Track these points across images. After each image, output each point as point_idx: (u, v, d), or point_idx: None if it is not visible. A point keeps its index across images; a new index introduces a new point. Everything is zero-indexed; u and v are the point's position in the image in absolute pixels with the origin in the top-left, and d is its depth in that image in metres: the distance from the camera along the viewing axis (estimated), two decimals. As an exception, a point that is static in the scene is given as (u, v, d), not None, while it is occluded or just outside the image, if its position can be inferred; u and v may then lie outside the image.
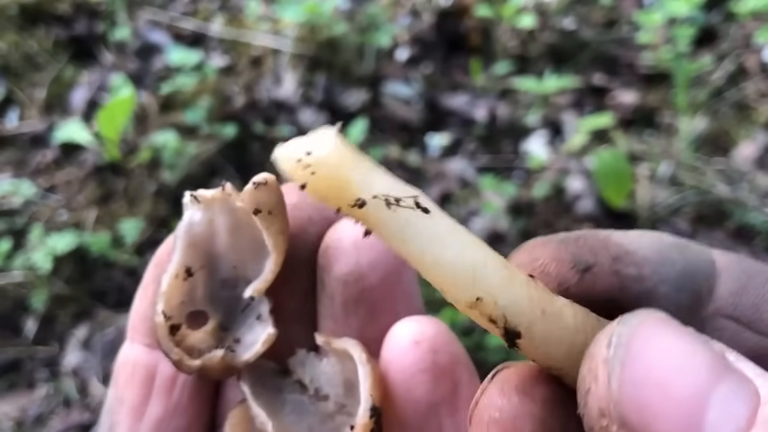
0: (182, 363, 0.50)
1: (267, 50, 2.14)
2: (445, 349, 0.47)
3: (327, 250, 0.52)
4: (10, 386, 1.58)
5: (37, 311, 1.66)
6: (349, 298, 0.51)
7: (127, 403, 0.54)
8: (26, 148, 1.99)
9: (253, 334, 0.53)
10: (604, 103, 2.13)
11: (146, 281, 0.55)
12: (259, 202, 0.49)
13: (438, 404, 0.47)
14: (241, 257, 0.55)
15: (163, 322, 0.51)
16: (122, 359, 0.56)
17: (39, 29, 2.23)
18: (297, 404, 0.53)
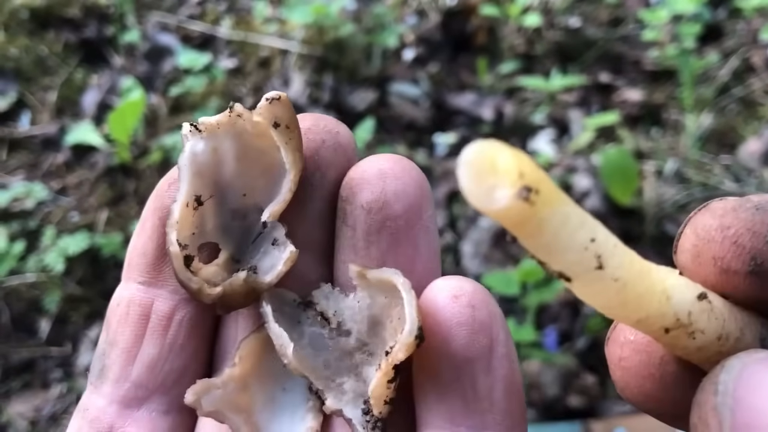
0: (202, 291, 0.48)
1: (275, 51, 2.16)
2: (483, 305, 0.47)
3: (351, 181, 0.51)
4: (25, 386, 1.61)
5: (50, 312, 1.69)
6: (372, 226, 0.50)
7: (120, 344, 0.52)
8: (38, 151, 2.02)
9: (270, 259, 0.51)
10: (611, 100, 2.14)
11: (145, 215, 0.52)
12: (276, 115, 0.49)
13: (474, 360, 0.46)
14: (250, 184, 0.53)
15: (179, 251, 0.48)
16: (116, 301, 0.53)
17: (49, 33, 2.26)
18: (316, 337, 0.52)
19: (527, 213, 0.30)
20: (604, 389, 1.59)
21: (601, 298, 0.35)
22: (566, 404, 1.56)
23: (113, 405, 0.52)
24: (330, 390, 0.50)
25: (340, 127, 0.53)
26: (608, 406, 1.57)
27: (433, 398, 0.48)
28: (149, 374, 0.52)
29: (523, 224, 0.31)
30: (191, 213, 0.50)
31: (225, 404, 0.49)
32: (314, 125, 0.52)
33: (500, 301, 1.60)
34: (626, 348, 0.42)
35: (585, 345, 1.64)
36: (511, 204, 0.29)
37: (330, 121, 0.53)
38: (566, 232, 0.32)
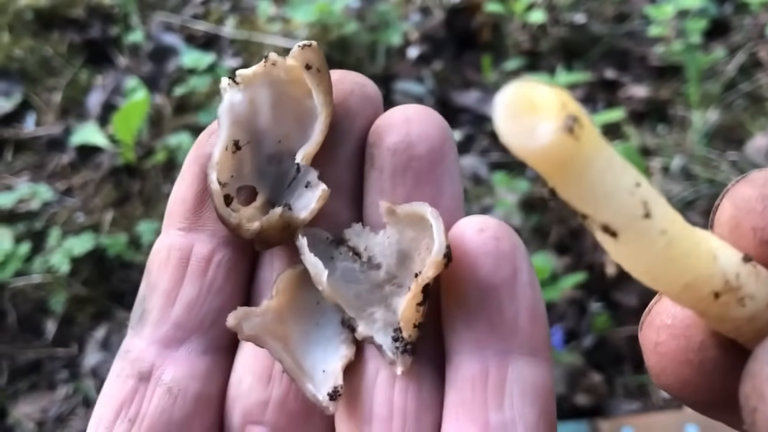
0: (241, 227, 0.51)
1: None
2: (506, 238, 0.49)
3: (378, 128, 0.53)
4: (31, 387, 1.61)
5: (56, 313, 1.69)
6: (398, 166, 0.52)
7: (160, 288, 0.53)
8: (43, 152, 2.02)
9: (304, 200, 0.53)
10: (616, 97, 2.13)
11: (186, 164, 0.54)
12: (308, 59, 0.51)
13: (498, 286, 0.48)
14: (285, 131, 0.55)
15: (219, 189, 0.51)
16: (156, 249, 0.55)
17: (54, 34, 2.26)
18: (347, 271, 0.54)
19: (572, 149, 0.28)
20: (611, 388, 1.59)
21: (648, 256, 0.34)
22: (573, 403, 1.56)
23: (153, 345, 0.53)
24: (361, 319, 0.52)
25: (366, 81, 0.56)
26: (615, 405, 1.56)
27: (461, 324, 0.50)
28: (188, 315, 0.53)
29: (568, 165, 0.29)
30: (230, 156, 0.53)
31: (264, 331, 0.51)
32: (342, 78, 0.55)
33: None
34: (663, 333, 0.41)
35: (591, 343, 1.63)
36: (556, 138, 0.28)
37: (357, 75, 0.56)
38: (612, 174, 0.30)
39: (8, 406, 1.57)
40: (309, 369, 0.53)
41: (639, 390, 1.60)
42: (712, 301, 0.36)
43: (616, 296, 1.71)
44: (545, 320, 0.50)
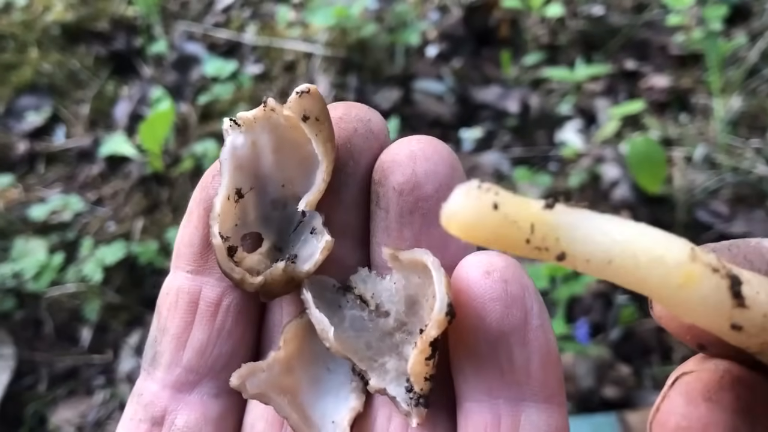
0: (244, 281, 0.50)
1: (299, 55, 2.18)
2: (515, 279, 0.47)
3: (383, 164, 0.52)
4: (70, 393, 1.66)
5: (91, 321, 1.73)
6: (404, 208, 0.51)
7: (171, 331, 0.54)
8: (74, 164, 2.07)
9: (309, 247, 0.53)
10: (637, 87, 2.12)
11: (191, 207, 0.54)
12: (305, 109, 0.50)
13: (508, 333, 0.47)
14: (288, 175, 0.55)
15: (221, 243, 0.50)
16: (165, 290, 0.55)
17: (80, 47, 2.31)
18: (356, 320, 0.53)
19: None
20: (639, 380, 1.59)
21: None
22: (601, 396, 1.56)
23: (166, 389, 0.54)
24: (373, 370, 0.51)
25: (371, 114, 0.54)
26: (644, 397, 1.56)
27: (471, 372, 0.49)
28: (199, 359, 0.54)
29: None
30: (233, 205, 0.53)
31: (270, 386, 0.51)
32: (346, 114, 0.54)
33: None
34: None
35: (618, 336, 1.63)
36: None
37: (361, 109, 0.54)
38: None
39: (49, 411, 1.62)
40: (318, 420, 0.53)
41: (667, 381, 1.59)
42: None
43: (642, 288, 1.70)
44: (559, 364, 0.49)
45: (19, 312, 1.74)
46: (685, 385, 0.39)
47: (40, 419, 1.61)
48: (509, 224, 0.35)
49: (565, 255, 0.35)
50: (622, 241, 0.35)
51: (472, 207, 0.35)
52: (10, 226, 1.86)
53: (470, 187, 0.35)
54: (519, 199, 0.36)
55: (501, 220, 0.35)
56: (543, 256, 0.36)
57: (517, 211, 0.35)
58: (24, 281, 1.73)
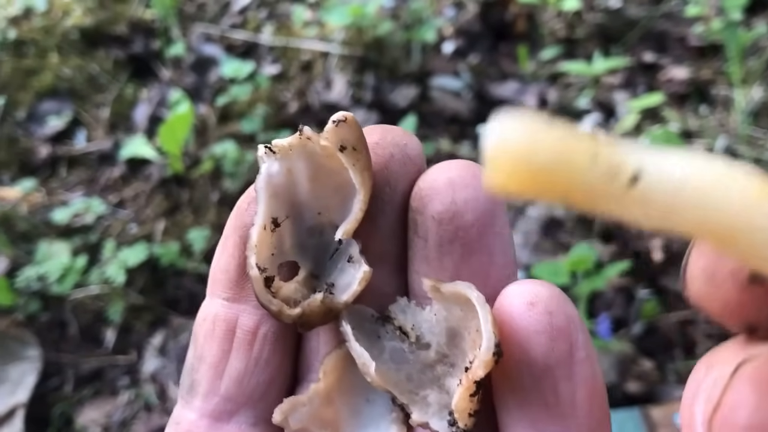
0: (282, 313, 0.50)
1: (316, 55, 2.19)
2: (560, 310, 0.46)
3: (420, 191, 0.50)
4: (95, 394, 1.68)
5: (115, 322, 1.75)
6: (444, 237, 0.50)
7: (208, 360, 0.53)
8: (95, 167, 2.09)
9: (346, 276, 0.52)
10: (656, 80, 2.11)
11: (226, 233, 0.54)
12: (342, 138, 0.49)
13: (554, 367, 0.46)
14: (324, 203, 0.54)
15: (258, 274, 0.50)
16: (202, 316, 0.55)
17: (99, 51, 2.33)
18: (396, 352, 0.52)
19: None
20: (663, 374, 1.58)
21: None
22: (624, 391, 1.55)
23: (204, 419, 0.53)
24: (415, 403, 0.50)
25: (408, 139, 0.53)
26: (667, 392, 1.56)
27: (515, 405, 0.48)
28: (237, 388, 0.53)
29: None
30: (269, 235, 0.52)
31: (311, 420, 0.51)
32: (382, 139, 0.52)
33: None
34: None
35: (641, 330, 1.63)
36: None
37: (398, 134, 0.53)
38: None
39: (75, 412, 1.64)
40: None
41: (691, 375, 1.58)
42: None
43: (664, 282, 1.70)
44: (604, 394, 0.48)
45: (44, 314, 1.76)
46: (753, 374, 0.35)
47: (66, 420, 1.63)
48: (573, 140, 0.30)
49: (639, 175, 0.30)
50: (692, 161, 0.30)
51: (527, 127, 0.30)
52: (33, 229, 1.89)
53: (511, 114, 0.30)
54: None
55: (562, 137, 0.30)
56: (612, 186, 0.30)
57: (575, 129, 0.30)
58: (48, 284, 1.75)
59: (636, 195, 0.31)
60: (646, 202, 0.31)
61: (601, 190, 0.30)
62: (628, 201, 0.31)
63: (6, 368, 1.67)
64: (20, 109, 2.20)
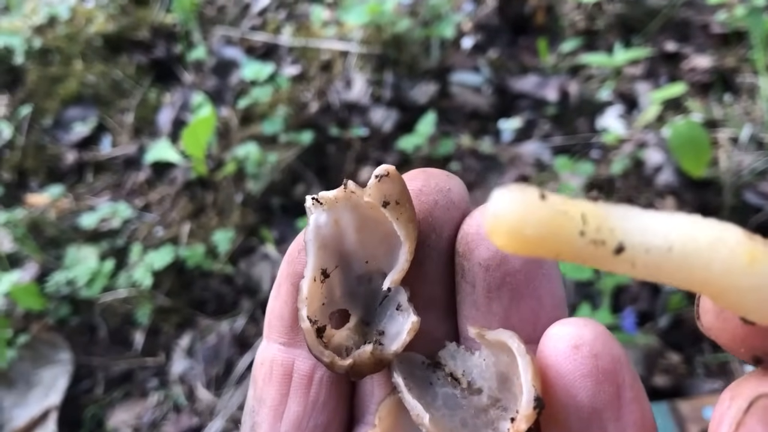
0: (334, 364, 0.50)
1: (335, 54, 2.20)
2: (605, 352, 0.45)
3: (466, 237, 0.51)
4: (125, 396, 1.70)
5: (143, 324, 1.78)
6: (492, 283, 0.50)
7: (267, 402, 0.55)
8: (121, 171, 2.12)
9: (395, 324, 0.53)
10: (679, 69, 2.08)
11: (279, 281, 0.55)
12: (385, 194, 0.50)
13: (601, 409, 0.45)
14: (371, 252, 0.55)
15: (310, 326, 0.51)
16: (260, 359, 0.56)
17: (122, 57, 2.36)
18: (449, 398, 0.52)
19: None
20: (691, 368, 1.56)
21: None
22: (651, 385, 1.54)
23: None
24: None
25: (451, 183, 0.53)
26: (696, 385, 1.54)
27: None
28: (296, 430, 0.55)
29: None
30: (319, 286, 0.53)
31: None
32: (425, 186, 0.53)
33: (574, 287, 1.59)
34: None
35: (667, 323, 1.61)
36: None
37: (441, 179, 0.53)
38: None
39: (106, 414, 1.67)
40: None
41: (720, 369, 1.56)
42: None
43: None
44: (654, 429, 0.47)
45: (74, 318, 1.79)
46: (761, 410, 0.37)
47: (98, 422, 1.66)
48: (560, 215, 0.34)
49: (623, 246, 0.34)
50: (678, 226, 0.34)
51: (520, 201, 0.34)
52: (62, 235, 1.92)
53: (510, 187, 0.34)
54: (562, 195, 0.34)
55: (551, 212, 0.33)
56: (599, 253, 0.34)
57: (565, 202, 0.34)
58: (77, 288, 1.78)
59: (623, 259, 0.34)
60: (634, 265, 0.34)
61: (589, 255, 0.34)
62: (616, 264, 0.34)
63: (38, 372, 1.71)
64: (47, 117, 2.23)
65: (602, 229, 0.34)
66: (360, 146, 1.99)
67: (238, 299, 1.82)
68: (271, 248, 1.84)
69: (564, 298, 0.52)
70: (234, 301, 1.82)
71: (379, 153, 1.98)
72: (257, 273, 1.83)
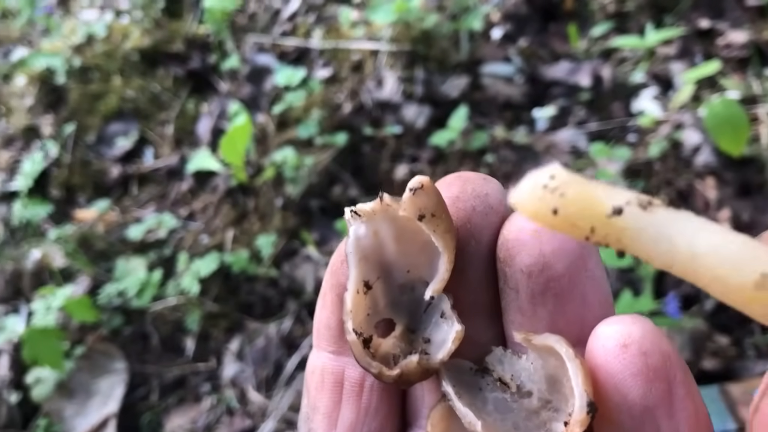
0: (382, 374, 0.51)
1: (365, 54, 2.21)
2: (655, 349, 0.45)
3: (507, 243, 0.50)
4: (180, 401, 1.75)
5: (193, 331, 1.83)
6: (536, 289, 0.50)
7: (321, 410, 0.56)
8: (164, 182, 2.17)
9: (440, 332, 0.53)
10: (714, 45, 2.04)
11: (324, 291, 0.56)
12: (420, 207, 0.49)
13: (653, 407, 0.45)
14: (412, 261, 0.55)
15: (356, 339, 0.51)
16: (311, 368, 0.57)
17: (159, 70, 2.41)
18: (500, 402, 0.53)
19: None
20: (740, 350, 1.54)
21: None
22: (700, 368, 1.53)
23: None
24: None
25: (488, 187, 0.53)
26: (747, 367, 1.52)
27: None
28: None
29: None
30: (363, 298, 0.54)
31: None
32: (462, 192, 0.52)
33: (614, 274, 1.59)
34: None
35: (713, 306, 1.59)
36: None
37: (477, 183, 0.53)
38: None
39: (163, 420, 1.72)
40: None
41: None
42: None
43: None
44: (710, 426, 0.47)
45: (127, 328, 1.85)
46: None
47: (154, 428, 1.71)
48: (568, 225, 0.36)
49: (624, 253, 0.36)
50: (688, 253, 0.35)
51: (533, 206, 0.36)
52: (111, 248, 1.98)
53: (537, 184, 0.37)
54: (586, 198, 0.36)
55: (560, 223, 0.36)
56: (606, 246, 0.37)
57: (580, 214, 0.36)
58: (128, 299, 1.84)
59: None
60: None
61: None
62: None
63: (96, 381, 1.77)
64: (90, 133, 2.30)
65: (609, 237, 0.37)
66: (394, 144, 2.01)
67: (284, 301, 1.85)
68: (313, 250, 1.87)
69: (610, 297, 0.51)
70: (280, 303, 1.85)
71: (414, 150, 1.99)
72: (301, 275, 1.86)
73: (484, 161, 1.92)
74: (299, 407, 1.74)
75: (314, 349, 0.58)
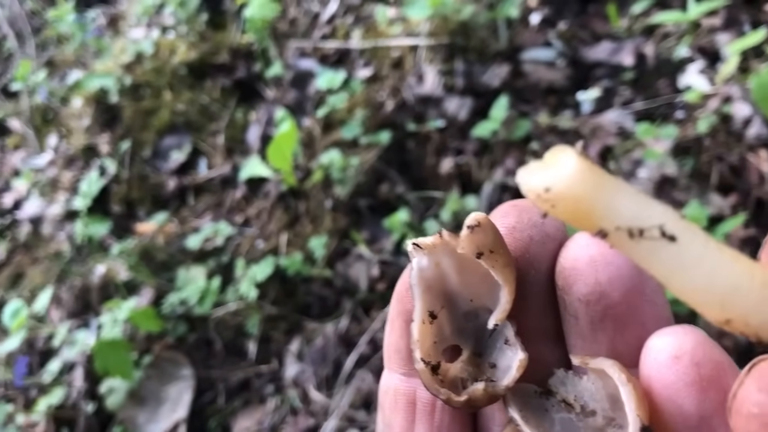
0: (451, 400, 0.52)
1: (405, 50, 2.23)
2: (707, 359, 0.45)
3: (563, 272, 0.51)
4: (245, 404, 1.81)
5: (254, 334, 1.88)
6: (594, 316, 0.50)
7: (395, 429, 0.58)
8: (219, 191, 2.24)
9: (505, 358, 0.55)
10: (763, 12, 1.98)
11: (391, 317, 0.58)
12: (478, 245, 0.50)
13: (710, 416, 0.45)
14: (474, 291, 0.56)
15: (425, 368, 0.53)
16: (384, 388, 0.59)
17: (206, 82, 2.48)
18: (566, 422, 0.54)
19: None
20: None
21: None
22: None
23: None
24: None
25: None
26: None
27: None
28: None
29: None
30: (429, 327, 0.55)
31: None
32: (518, 222, 0.53)
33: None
34: (753, 422, 0.39)
35: None
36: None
37: (533, 212, 0.53)
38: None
39: (230, 422, 1.78)
40: None
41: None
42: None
43: (792, 227, 1.61)
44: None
45: (191, 335, 1.92)
46: (759, 373, 0.38)
47: (223, 430, 1.77)
48: (575, 222, 0.39)
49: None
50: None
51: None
52: (171, 258, 2.05)
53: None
54: (576, 214, 0.39)
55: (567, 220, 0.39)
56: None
57: (570, 222, 0.39)
58: (191, 307, 1.90)
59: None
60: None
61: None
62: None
63: (165, 388, 1.84)
64: (145, 148, 2.38)
65: (611, 236, 0.39)
66: (438, 138, 2.02)
67: (339, 300, 1.89)
68: (364, 249, 1.90)
69: (671, 319, 0.51)
70: (336, 303, 1.89)
71: (458, 142, 2.00)
72: (354, 274, 1.90)
73: (529, 149, 1.91)
74: (359, 405, 1.77)
75: (386, 369, 0.60)
